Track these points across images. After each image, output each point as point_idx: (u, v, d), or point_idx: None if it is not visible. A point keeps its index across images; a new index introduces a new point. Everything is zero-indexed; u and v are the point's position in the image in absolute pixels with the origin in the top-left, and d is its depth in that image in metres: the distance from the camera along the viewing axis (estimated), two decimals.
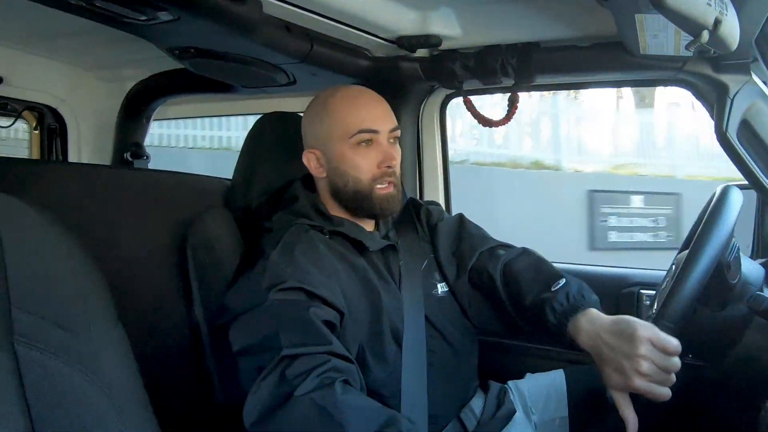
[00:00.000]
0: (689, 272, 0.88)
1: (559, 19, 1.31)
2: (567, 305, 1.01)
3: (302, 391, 0.83)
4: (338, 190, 1.12)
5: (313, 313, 0.93)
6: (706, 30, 0.77)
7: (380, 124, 1.11)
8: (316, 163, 1.13)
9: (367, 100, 1.13)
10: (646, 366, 0.87)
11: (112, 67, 1.89)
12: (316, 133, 1.13)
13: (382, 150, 1.11)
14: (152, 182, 1.26)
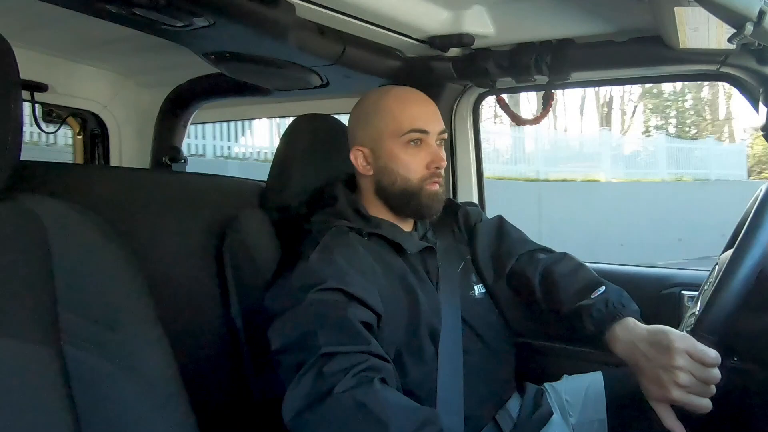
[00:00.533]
0: (730, 280, 0.85)
1: (595, 14, 1.28)
2: (605, 313, 1.01)
3: (341, 388, 0.83)
4: (385, 189, 1.13)
5: (352, 313, 0.93)
6: (750, 21, 0.74)
7: (431, 124, 1.12)
8: (364, 161, 1.14)
9: (418, 101, 1.14)
10: (684, 378, 0.86)
11: (150, 73, 1.94)
12: (365, 131, 1.14)
13: (431, 151, 1.11)
14: (189, 185, 1.28)
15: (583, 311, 1.03)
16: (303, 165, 1.30)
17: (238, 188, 1.37)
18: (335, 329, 0.91)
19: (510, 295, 1.19)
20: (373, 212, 1.14)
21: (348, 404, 0.83)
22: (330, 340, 0.89)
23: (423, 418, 0.85)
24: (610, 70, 1.50)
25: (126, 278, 0.75)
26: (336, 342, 0.88)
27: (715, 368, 0.86)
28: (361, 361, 0.87)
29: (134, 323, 0.72)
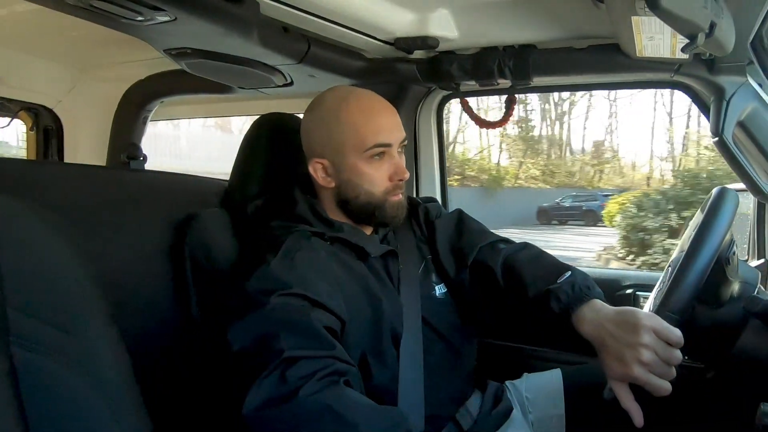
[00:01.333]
0: (691, 263, 0.88)
1: (556, 21, 1.31)
2: (571, 295, 1.01)
3: (307, 392, 0.83)
4: (347, 201, 1.11)
5: (315, 318, 0.92)
6: (702, 32, 0.77)
7: (393, 136, 1.10)
8: (324, 173, 1.11)
9: (380, 111, 1.10)
10: (648, 355, 0.87)
11: (109, 68, 1.89)
12: (325, 142, 1.10)
13: (394, 163, 1.10)
14: (149, 183, 1.25)
15: (550, 294, 1.02)
16: (265, 165, 1.28)
17: (199, 187, 1.34)
18: (299, 334, 0.90)
19: (472, 288, 1.19)
20: (334, 216, 1.13)
21: (314, 407, 0.82)
22: (293, 344, 0.87)
23: (392, 419, 0.86)
24: (570, 75, 1.53)
25: (80, 279, 0.72)
26: (299, 346, 0.88)
27: (678, 350, 0.87)
28: (327, 365, 0.87)
29: (87, 324, 0.70)
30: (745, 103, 1.29)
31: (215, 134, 11.89)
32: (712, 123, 1.31)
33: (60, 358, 0.65)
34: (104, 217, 1.07)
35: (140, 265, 1.11)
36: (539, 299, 1.05)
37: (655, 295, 1.10)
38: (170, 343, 1.12)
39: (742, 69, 1.28)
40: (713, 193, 0.98)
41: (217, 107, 2.41)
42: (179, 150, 10.00)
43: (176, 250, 1.15)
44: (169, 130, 9.45)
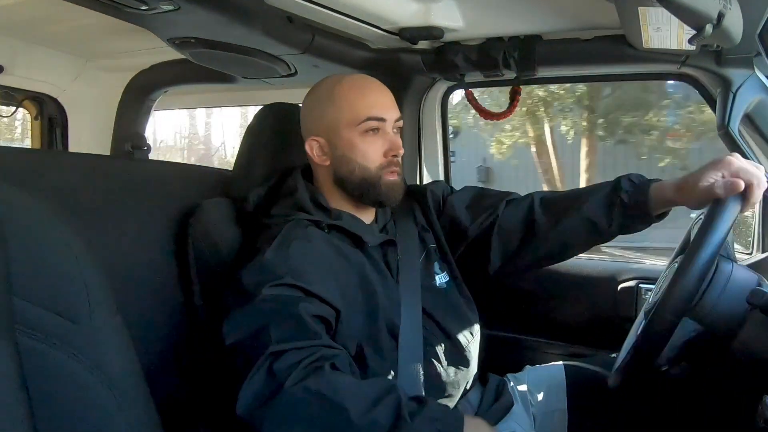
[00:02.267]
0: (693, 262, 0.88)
1: (562, 11, 1.30)
2: (644, 179, 1.09)
3: (292, 381, 0.84)
4: (343, 179, 1.11)
5: (304, 308, 0.93)
6: (710, 24, 0.77)
7: (387, 112, 1.10)
8: (320, 151, 1.11)
9: (374, 88, 1.12)
10: (733, 154, 0.97)
11: (113, 57, 1.88)
12: (321, 120, 1.11)
13: (389, 139, 1.10)
14: (153, 172, 1.26)
15: (620, 184, 1.09)
16: (269, 155, 1.28)
17: (203, 177, 1.34)
18: (286, 325, 0.90)
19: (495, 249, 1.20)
20: (333, 203, 1.13)
21: (300, 395, 0.83)
22: (280, 336, 0.88)
23: (380, 389, 0.87)
24: (576, 66, 1.52)
25: (83, 268, 0.73)
26: (286, 338, 0.88)
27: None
28: (312, 353, 0.88)
29: (92, 313, 0.71)
30: (752, 95, 1.28)
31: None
32: (718, 115, 1.31)
33: (65, 347, 0.65)
34: (108, 206, 1.07)
35: (144, 255, 1.11)
36: (604, 196, 1.10)
37: (657, 289, 1.10)
38: (174, 333, 1.13)
39: (750, 61, 1.27)
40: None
41: (221, 97, 2.41)
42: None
43: (180, 240, 1.16)
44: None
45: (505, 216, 1.20)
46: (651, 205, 1.05)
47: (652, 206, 1.05)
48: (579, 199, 1.13)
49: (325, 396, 0.83)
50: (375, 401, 0.85)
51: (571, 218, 1.13)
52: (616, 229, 1.11)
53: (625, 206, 1.08)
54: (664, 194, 1.04)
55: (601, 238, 1.14)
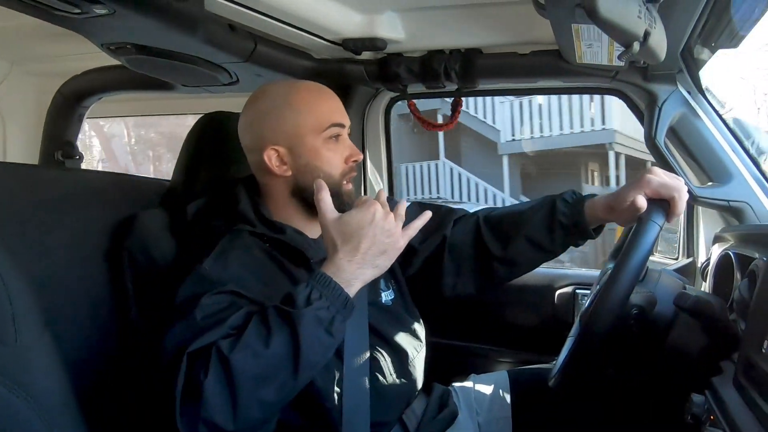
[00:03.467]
0: (621, 275, 0.92)
1: (501, 26, 1.34)
2: (577, 196, 1.13)
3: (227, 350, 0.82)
4: (304, 188, 1.07)
5: (247, 313, 0.89)
6: (637, 41, 0.81)
7: (345, 118, 1.09)
8: (279, 161, 1.06)
9: (330, 94, 1.10)
10: (655, 169, 1.02)
11: (43, 62, 1.80)
12: (280, 128, 1.05)
13: (348, 145, 1.09)
14: (85, 182, 1.20)
15: (556, 203, 1.12)
16: (209, 165, 1.25)
17: (140, 187, 1.30)
18: (230, 327, 0.87)
19: (448, 267, 1.21)
20: (279, 216, 1.09)
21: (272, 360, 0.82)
22: (225, 338, 0.85)
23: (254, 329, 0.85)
24: (514, 79, 1.57)
25: (8, 284, 0.69)
26: (230, 336, 0.85)
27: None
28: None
29: (22, 334, 0.67)
30: (675, 109, 1.36)
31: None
32: (645, 128, 1.38)
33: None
34: (37, 218, 1.02)
35: (76, 269, 1.06)
36: (542, 217, 1.13)
37: (591, 297, 1.14)
38: (109, 349, 1.08)
39: (673, 77, 1.36)
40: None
41: (159, 104, 2.34)
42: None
43: (115, 253, 1.11)
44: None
45: (454, 235, 1.22)
46: (587, 223, 1.09)
47: (588, 225, 1.10)
48: (521, 220, 1.16)
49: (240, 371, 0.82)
50: (266, 342, 0.83)
51: (518, 242, 1.15)
52: (560, 247, 1.14)
53: (564, 227, 1.11)
54: (596, 214, 1.09)
55: (548, 256, 1.17)
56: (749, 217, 1.34)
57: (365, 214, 0.91)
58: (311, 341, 0.84)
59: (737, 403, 0.77)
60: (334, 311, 0.86)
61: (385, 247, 0.91)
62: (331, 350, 0.89)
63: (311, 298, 0.85)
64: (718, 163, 1.37)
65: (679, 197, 0.98)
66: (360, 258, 0.89)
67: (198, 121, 1.30)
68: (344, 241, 0.90)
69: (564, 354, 1.06)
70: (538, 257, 1.17)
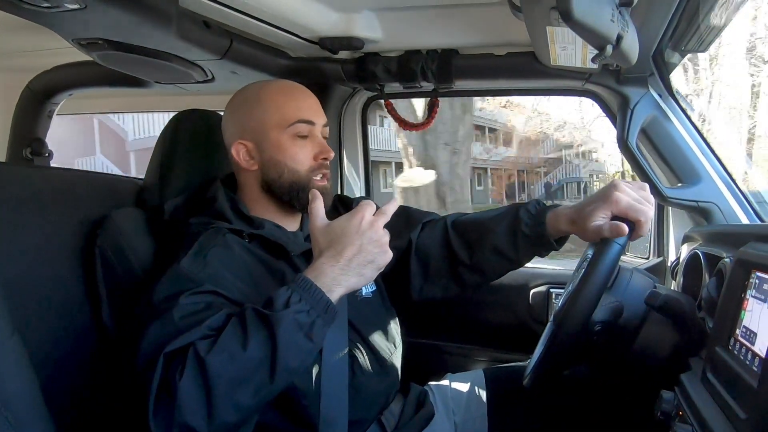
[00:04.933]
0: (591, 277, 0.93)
1: (477, 27, 1.35)
2: (540, 206, 1.12)
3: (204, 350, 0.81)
4: (271, 183, 1.08)
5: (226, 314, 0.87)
6: (610, 45, 0.82)
7: (316, 116, 1.09)
8: (247, 156, 1.08)
9: (302, 92, 1.11)
10: (623, 185, 0.99)
11: (10, 57, 1.74)
12: (248, 123, 1.08)
13: (318, 142, 1.09)
14: (55, 180, 1.17)
15: (519, 212, 1.11)
16: (184, 163, 1.24)
17: (112, 186, 1.27)
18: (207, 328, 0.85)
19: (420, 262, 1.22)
20: (256, 212, 1.10)
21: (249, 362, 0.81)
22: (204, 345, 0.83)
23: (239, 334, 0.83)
24: (490, 80, 1.59)
25: None
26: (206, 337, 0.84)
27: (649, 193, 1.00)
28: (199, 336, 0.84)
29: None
30: (646, 111, 1.39)
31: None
32: (618, 130, 1.40)
33: None
34: (4, 216, 0.99)
35: (46, 269, 1.03)
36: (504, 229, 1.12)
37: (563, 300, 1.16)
38: (79, 351, 1.06)
39: (645, 80, 1.38)
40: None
41: (132, 101, 2.30)
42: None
43: (86, 253, 1.09)
44: None
45: (422, 239, 1.22)
46: (549, 234, 1.09)
47: (550, 236, 1.09)
48: (487, 229, 1.15)
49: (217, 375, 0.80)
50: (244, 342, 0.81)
51: (484, 250, 1.15)
52: (524, 257, 1.14)
53: (527, 237, 1.11)
54: (559, 226, 1.07)
55: (513, 265, 1.18)
56: (717, 218, 1.38)
57: (352, 221, 0.91)
58: (289, 345, 0.82)
59: (705, 398, 0.79)
60: (314, 315, 0.85)
61: (372, 257, 0.90)
62: (310, 356, 0.88)
63: (290, 301, 0.84)
64: (688, 164, 1.40)
65: (645, 221, 0.97)
66: (344, 264, 0.88)
67: (172, 119, 1.28)
68: (328, 246, 0.90)
69: (537, 353, 1.08)
70: (504, 266, 1.17)
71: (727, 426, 0.70)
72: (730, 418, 0.70)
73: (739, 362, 0.76)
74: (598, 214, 0.98)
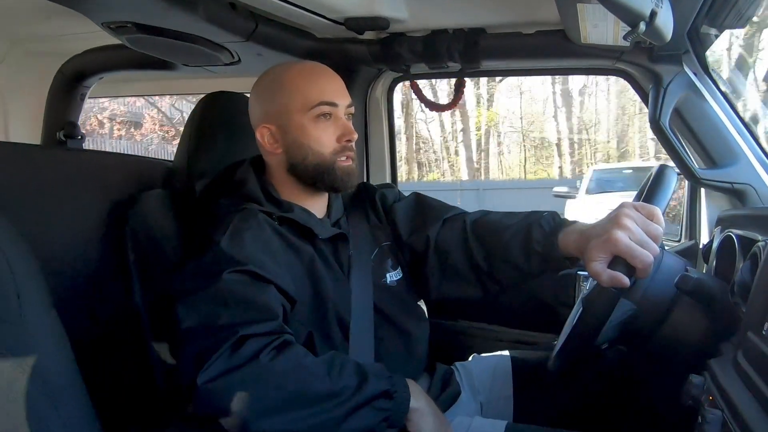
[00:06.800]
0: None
1: (505, 6, 1.33)
2: (555, 222, 1.05)
3: (268, 358, 0.85)
4: (296, 165, 1.08)
5: (265, 294, 0.93)
6: (643, 21, 0.80)
7: (339, 97, 1.08)
8: (271, 139, 1.09)
9: (325, 73, 1.10)
10: (627, 221, 0.87)
11: (43, 41, 1.78)
12: (271, 107, 1.08)
13: (341, 124, 1.08)
14: (88, 163, 1.20)
15: (533, 227, 1.05)
16: (212, 145, 1.25)
17: (142, 168, 1.29)
18: (251, 310, 0.89)
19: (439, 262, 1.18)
20: (284, 195, 1.11)
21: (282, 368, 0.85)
22: (246, 320, 0.87)
23: (338, 360, 0.92)
24: (518, 60, 1.56)
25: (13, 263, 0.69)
26: (252, 321, 0.88)
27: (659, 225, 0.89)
28: (278, 336, 0.89)
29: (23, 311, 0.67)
30: (680, 90, 1.35)
31: None
32: (650, 109, 1.37)
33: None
34: (40, 199, 1.02)
35: (79, 250, 1.06)
36: (518, 240, 1.07)
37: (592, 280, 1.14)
38: (112, 329, 1.09)
39: (679, 58, 1.34)
40: (654, 170, 1.01)
41: (160, 85, 2.33)
42: None
43: (117, 234, 1.11)
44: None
45: (441, 237, 1.18)
46: (560, 258, 1.02)
47: (560, 259, 1.03)
48: (502, 243, 1.10)
49: (302, 366, 0.87)
50: (339, 368, 0.90)
51: (499, 262, 1.11)
52: (538, 272, 1.08)
53: (539, 254, 1.05)
54: (569, 249, 1.00)
55: (531, 278, 1.12)
56: (753, 200, 1.34)
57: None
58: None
59: (736, 383, 0.78)
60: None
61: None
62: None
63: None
64: (723, 144, 1.36)
65: (643, 268, 0.86)
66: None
67: (200, 101, 1.29)
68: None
69: (563, 337, 1.07)
70: (522, 278, 1.12)
71: (758, 411, 0.69)
72: (762, 403, 0.69)
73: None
74: (598, 254, 0.88)
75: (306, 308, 1.02)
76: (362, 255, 1.16)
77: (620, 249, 0.86)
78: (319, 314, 1.04)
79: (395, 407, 0.92)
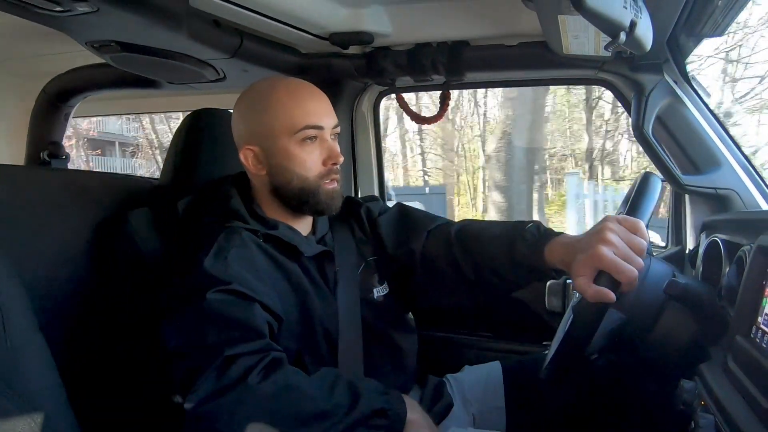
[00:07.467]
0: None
1: (488, 18, 1.34)
2: (540, 233, 1.02)
3: (257, 380, 0.84)
4: (280, 188, 1.08)
5: (251, 313, 0.92)
6: (623, 31, 0.81)
7: (325, 119, 1.07)
8: (255, 161, 1.07)
9: (311, 94, 1.08)
10: (611, 235, 0.87)
11: (26, 61, 1.77)
12: (255, 128, 1.06)
13: (327, 146, 1.08)
14: (73, 182, 1.19)
15: (517, 238, 1.03)
16: (198, 162, 1.25)
17: (128, 186, 1.28)
18: (236, 330, 0.88)
19: (425, 273, 1.18)
20: (269, 213, 1.10)
21: (270, 390, 0.84)
22: (231, 340, 0.86)
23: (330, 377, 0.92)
24: (502, 71, 1.57)
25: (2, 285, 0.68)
26: (238, 341, 0.87)
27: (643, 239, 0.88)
28: (266, 355, 0.87)
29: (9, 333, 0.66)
30: (662, 98, 1.37)
31: None
32: (633, 118, 1.39)
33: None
34: (25, 218, 1.01)
35: (65, 269, 1.05)
36: (503, 251, 1.05)
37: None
38: (99, 348, 1.07)
39: (659, 67, 1.36)
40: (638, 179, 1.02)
41: (146, 103, 2.32)
42: None
43: (104, 253, 1.10)
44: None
45: (427, 249, 1.18)
46: (546, 267, 1.00)
47: (546, 271, 1.01)
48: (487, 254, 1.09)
49: (292, 387, 0.86)
50: (331, 387, 0.89)
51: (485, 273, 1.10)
52: (525, 282, 1.09)
53: (525, 267, 1.04)
54: (554, 262, 0.98)
55: (515, 288, 1.16)
56: (736, 205, 1.35)
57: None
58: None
59: (727, 388, 0.78)
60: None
61: None
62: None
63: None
64: (706, 151, 1.38)
65: (627, 283, 0.86)
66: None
67: (185, 119, 1.29)
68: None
69: (555, 345, 1.07)
70: (509, 289, 1.14)
71: (749, 415, 0.69)
72: (753, 407, 0.69)
73: (761, 351, 0.75)
74: (583, 269, 0.87)
75: (293, 326, 1.02)
76: (348, 271, 1.15)
77: (605, 264, 0.85)
78: (307, 331, 1.03)
79: (390, 425, 0.91)
